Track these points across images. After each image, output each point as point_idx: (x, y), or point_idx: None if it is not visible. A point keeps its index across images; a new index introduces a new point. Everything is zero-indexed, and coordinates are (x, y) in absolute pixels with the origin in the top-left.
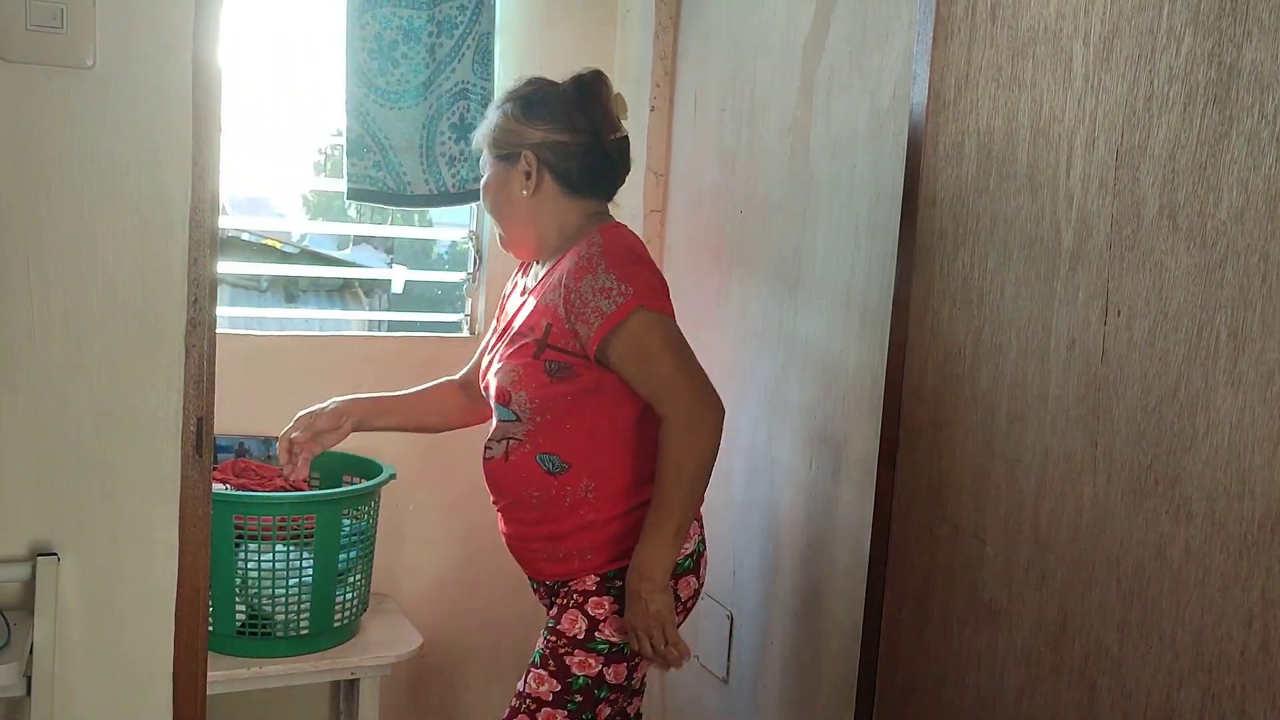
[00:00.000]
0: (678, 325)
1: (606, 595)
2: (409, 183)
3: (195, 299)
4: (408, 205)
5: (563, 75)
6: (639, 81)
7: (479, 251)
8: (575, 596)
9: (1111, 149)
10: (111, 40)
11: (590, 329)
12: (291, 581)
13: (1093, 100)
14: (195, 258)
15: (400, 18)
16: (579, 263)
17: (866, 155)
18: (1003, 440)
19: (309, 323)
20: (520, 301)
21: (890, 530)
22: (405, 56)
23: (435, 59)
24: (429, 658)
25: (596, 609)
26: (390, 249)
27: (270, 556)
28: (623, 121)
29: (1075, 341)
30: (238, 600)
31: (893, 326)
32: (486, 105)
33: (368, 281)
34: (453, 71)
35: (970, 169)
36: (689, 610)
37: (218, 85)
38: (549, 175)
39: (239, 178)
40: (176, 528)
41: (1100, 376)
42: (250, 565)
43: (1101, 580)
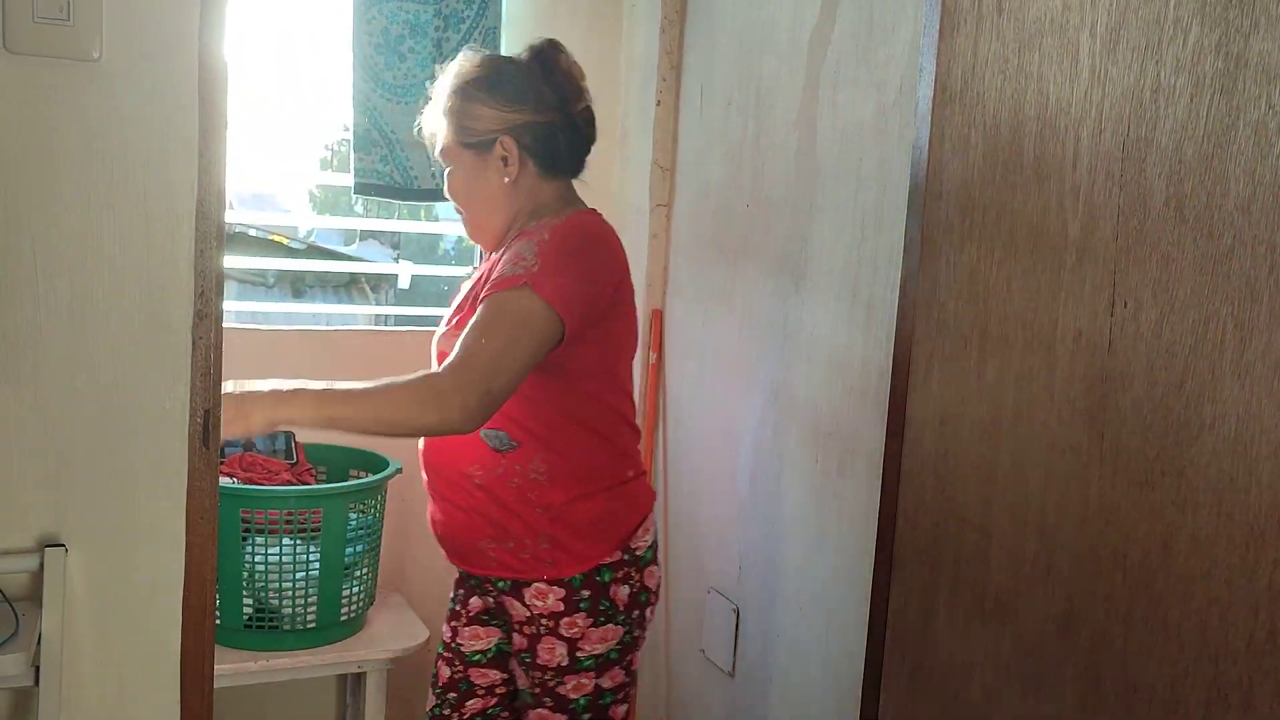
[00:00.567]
0: (553, 327)
1: (578, 612)
2: (415, 177)
3: (202, 292)
4: (415, 200)
5: (536, 44)
6: (645, 76)
7: None
8: (544, 622)
9: (1118, 140)
10: (118, 33)
11: (490, 283)
12: (298, 575)
13: (1099, 92)
14: (202, 250)
15: (407, 12)
16: (530, 232)
17: (873, 148)
18: (1009, 433)
19: (315, 317)
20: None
21: (896, 524)
22: (412, 51)
23: (442, 53)
24: (435, 651)
25: (571, 629)
26: (396, 244)
27: (277, 550)
28: (585, 88)
29: (1082, 333)
30: (245, 593)
31: (899, 319)
32: None
33: (374, 276)
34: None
35: (977, 161)
36: (658, 599)
37: (224, 79)
38: (529, 159)
39: (246, 173)
40: (184, 520)
41: (1106, 368)
42: (257, 559)
43: (1108, 572)
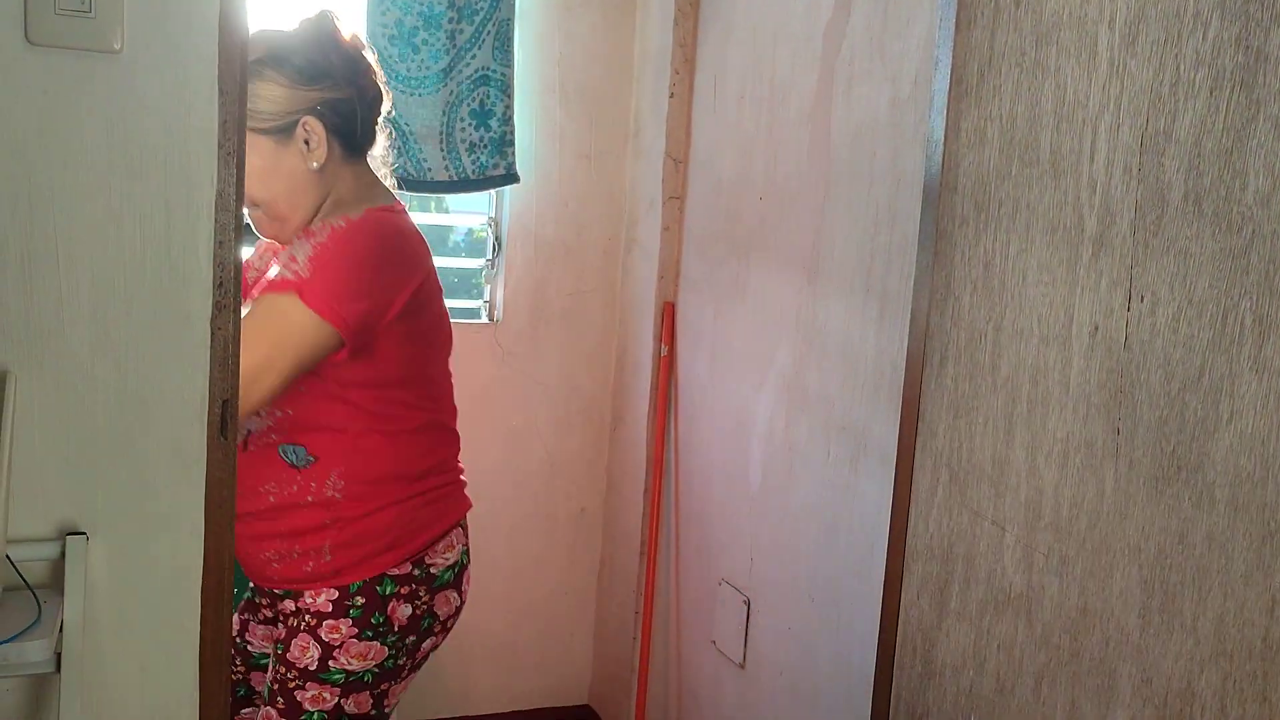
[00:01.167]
0: (321, 336)
1: (345, 618)
2: (429, 169)
3: (221, 283)
4: (428, 191)
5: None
6: (659, 68)
7: (498, 238)
8: (307, 618)
9: (1136, 134)
10: (139, 25)
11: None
12: None
13: (1118, 85)
14: (221, 242)
15: (421, 4)
16: (311, 232)
17: (887, 142)
18: (1023, 427)
19: None
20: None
21: (909, 517)
22: (425, 43)
23: (455, 45)
24: (447, 646)
25: (332, 633)
26: None
27: None
28: (367, 56)
29: (1098, 328)
30: None
31: (913, 313)
32: (507, 91)
33: None
34: (473, 58)
35: (992, 155)
36: (448, 631)
37: (244, 72)
38: (335, 140)
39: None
40: (202, 509)
41: (1123, 363)
42: None
43: (1122, 567)
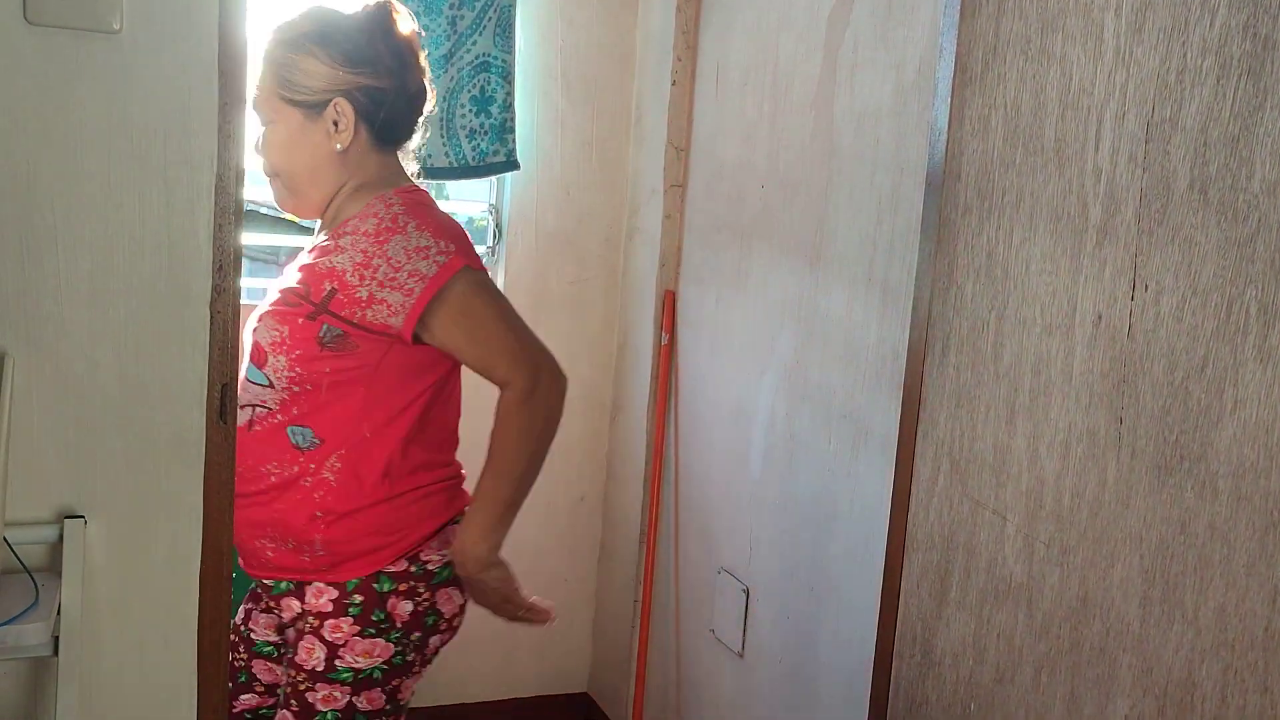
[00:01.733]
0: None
1: (345, 616)
2: (429, 155)
3: (220, 266)
4: (428, 178)
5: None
6: (661, 55)
7: (499, 225)
8: (310, 620)
9: (1142, 122)
10: (138, 4)
11: (409, 296)
12: None
13: (1124, 73)
14: (220, 225)
15: None
16: (380, 224)
17: (890, 130)
18: (1025, 416)
19: None
20: (297, 263)
21: (910, 506)
22: (426, 29)
23: (456, 31)
24: None
25: (335, 633)
26: None
27: None
28: (421, 57)
29: (1101, 317)
30: None
31: (915, 301)
32: (508, 78)
33: None
34: (474, 44)
35: (996, 143)
36: (455, 629)
37: (244, 53)
38: (363, 126)
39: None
40: (201, 492)
41: (1126, 352)
42: None
43: (1124, 557)
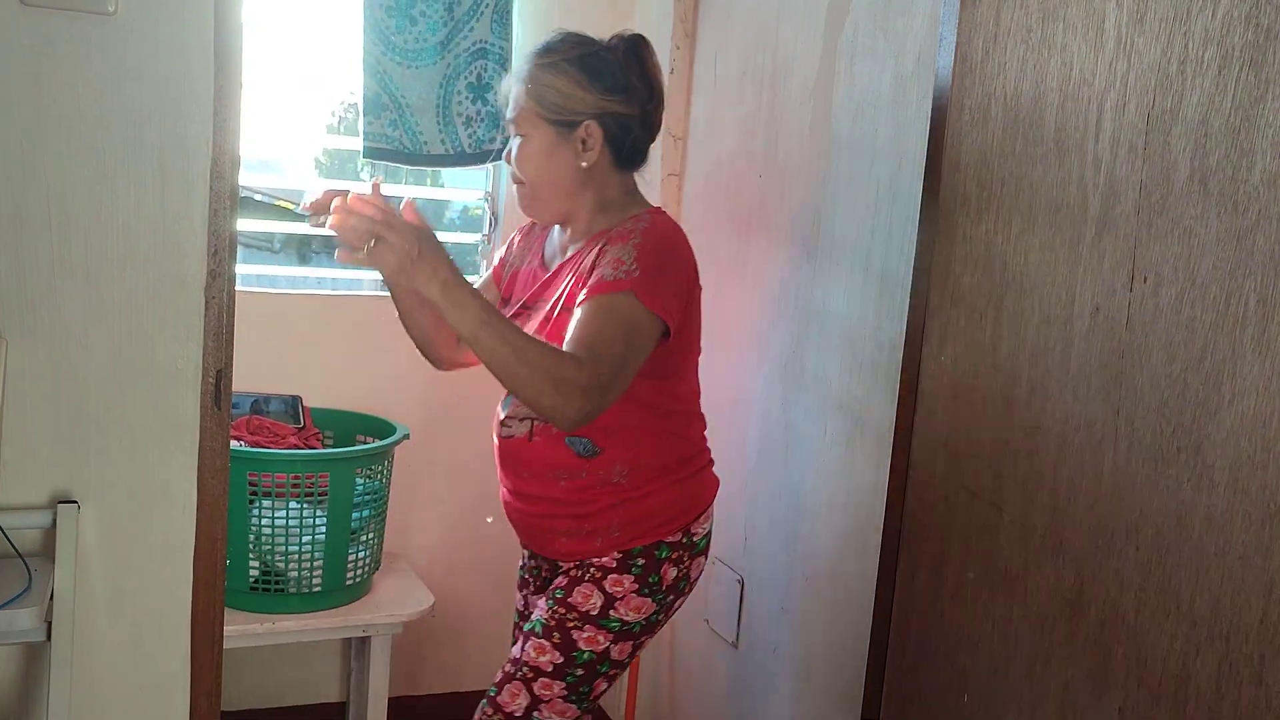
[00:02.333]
0: (654, 331)
1: (628, 574)
2: (425, 142)
3: (215, 251)
4: (424, 165)
5: (593, 33)
6: (658, 43)
7: (494, 214)
8: (593, 571)
9: (1142, 113)
10: None
11: (586, 288)
12: (305, 539)
13: (1124, 63)
14: (216, 209)
15: None
16: (619, 232)
17: (889, 120)
18: (1023, 407)
19: (321, 281)
20: (548, 274)
21: (906, 497)
22: (423, 14)
23: (454, 17)
24: (440, 617)
25: (615, 586)
26: None
27: (284, 513)
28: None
29: (1100, 309)
30: (251, 556)
31: (913, 292)
32: (505, 65)
33: None
34: (471, 30)
35: (996, 133)
36: (692, 591)
37: (239, 37)
38: (608, 148)
39: (252, 136)
40: (195, 479)
41: (1124, 344)
42: (264, 522)
43: (1120, 548)
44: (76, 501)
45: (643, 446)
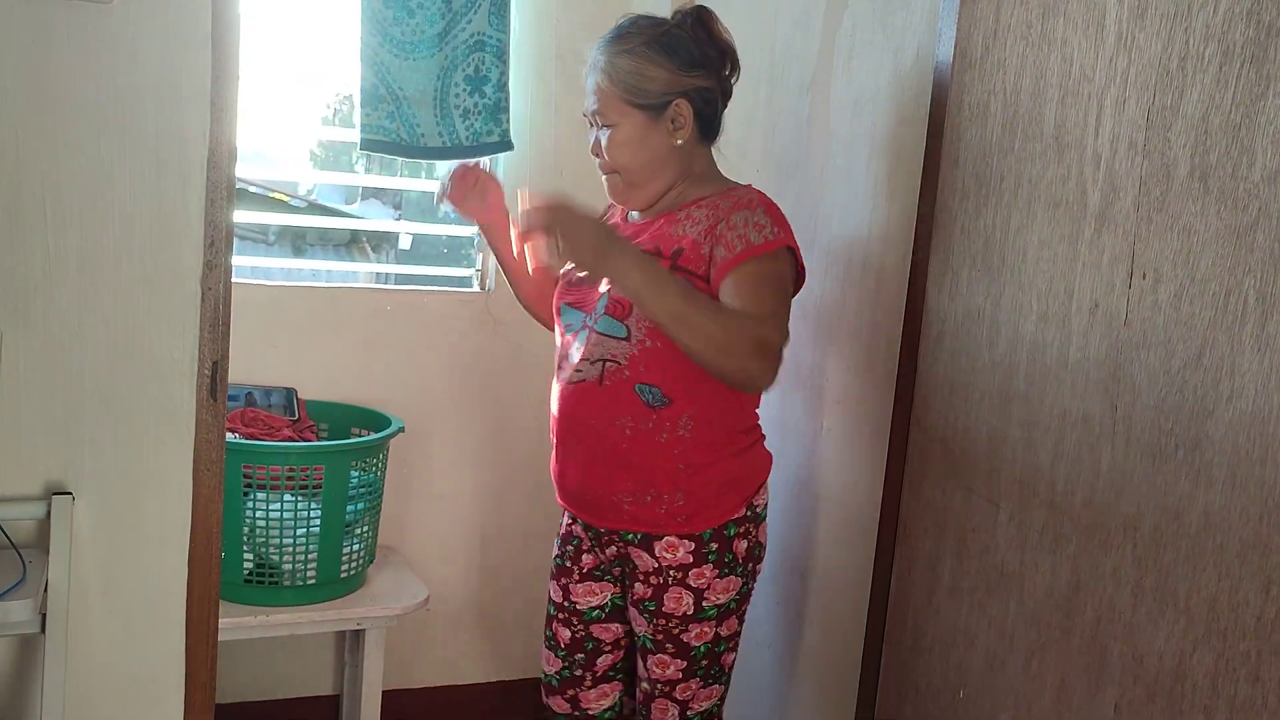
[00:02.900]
0: (793, 289)
1: (706, 564)
2: (422, 135)
3: (212, 242)
4: (421, 157)
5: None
6: None
7: None
8: (673, 573)
9: (1143, 109)
10: None
11: (731, 252)
12: (299, 531)
13: (1125, 59)
14: (212, 200)
15: None
16: (737, 200)
17: (887, 115)
18: (1020, 403)
19: (316, 274)
20: (629, 227)
21: (902, 492)
22: (421, 6)
23: (451, 9)
24: (435, 610)
25: (699, 580)
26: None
27: (279, 506)
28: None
29: (1098, 305)
30: (245, 548)
31: (910, 287)
32: (502, 57)
33: (375, 235)
34: (469, 22)
35: (995, 129)
36: (764, 555)
37: (236, 27)
38: (696, 123)
39: (247, 128)
40: (190, 470)
41: (1123, 340)
42: (258, 514)
43: (1117, 545)
44: (71, 493)
45: (709, 405)
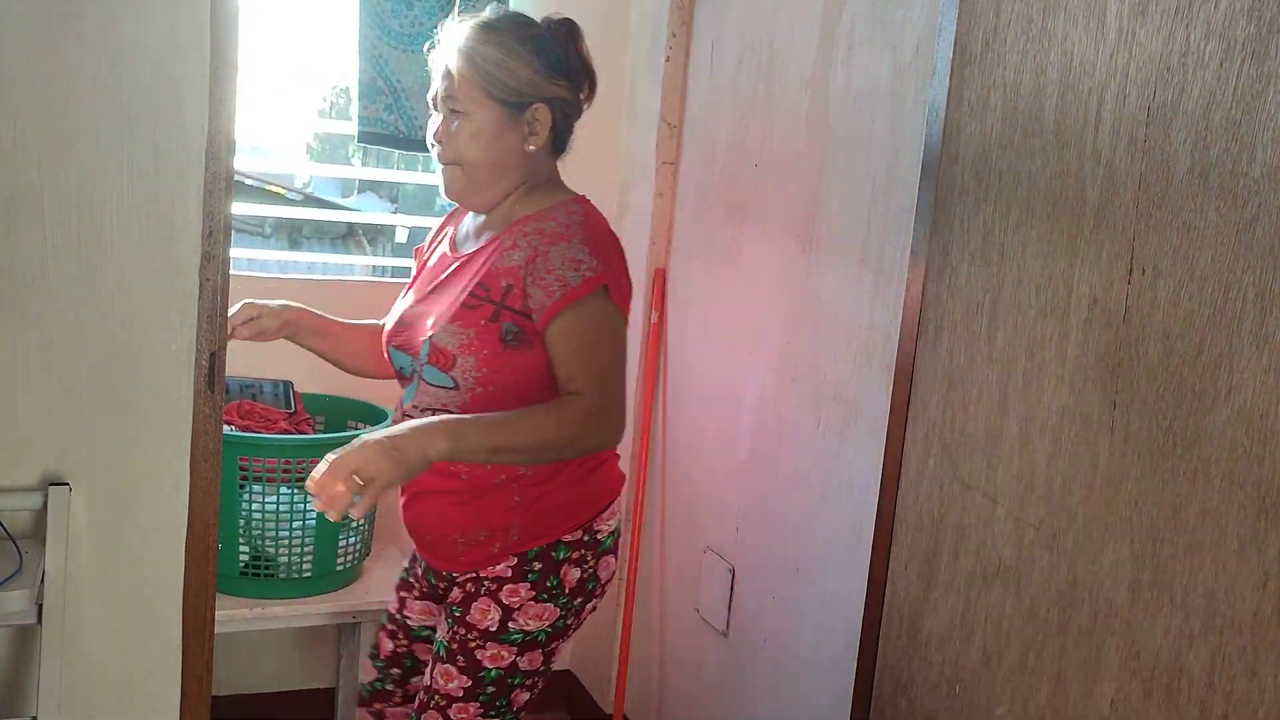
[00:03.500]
0: (623, 328)
1: (524, 581)
2: (420, 127)
3: (210, 233)
4: (418, 150)
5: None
6: (655, 31)
7: None
8: (487, 584)
9: (1143, 105)
10: None
11: (550, 298)
12: (295, 524)
13: (1125, 54)
14: (211, 191)
15: None
16: (556, 228)
17: (886, 111)
18: (1018, 399)
19: (312, 266)
20: (457, 259)
21: (899, 487)
22: None
23: (451, 1)
24: None
25: (511, 597)
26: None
27: (274, 499)
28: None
29: (1097, 301)
30: (241, 540)
31: (909, 283)
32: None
33: (371, 229)
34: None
35: (995, 124)
36: (604, 594)
37: (235, 18)
38: (551, 133)
39: (244, 120)
40: (188, 462)
41: (1121, 336)
42: (254, 507)
43: (1114, 541)
44: (68, 483)
45: None
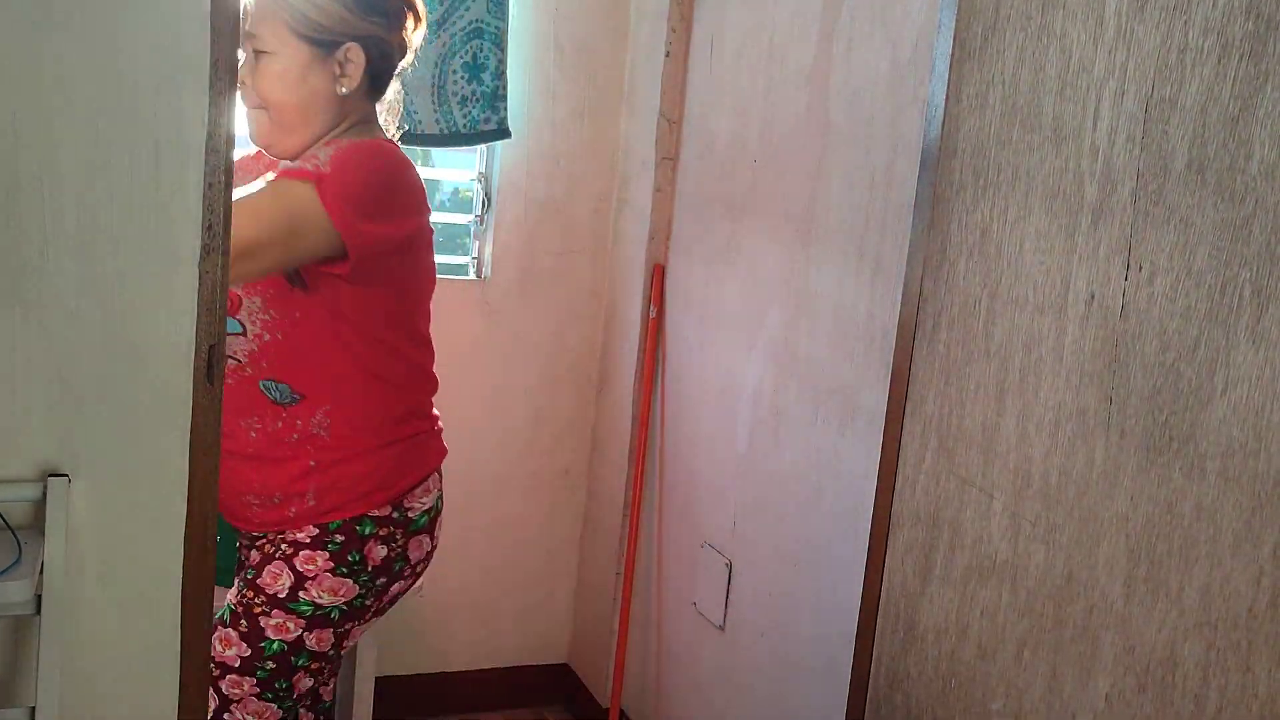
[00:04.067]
0: (322, 241)
1: (322, 550)
2: (419, 121)
3: (210, 224)
4: (418, 144)
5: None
6: (655, 25)
7: (488, 194)
8: (284, 547)
9: (1141, 101)
10: None
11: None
12: None
13: (1124, 51)
14: (211, 183)
15: None
16: (340, 150)
17: (885, 106)
18: (1015, 395)
19: None
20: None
21: (896, 482)
22: None
23: None
24: (428, 598)
25: (307, 564)
26: None
27: None
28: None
29: (1094, 296)
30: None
31: (907, 278)
32: (501, 45)
33: None
34: (467, 9)
35: (993, 120)
36: (418, 575)
37: (236, 7)
38: (366, 75)
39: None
40: (187, 454)
41: (1118, 332)
42: None
43: (1110, 536)
44: (67, 475)
45: (351, 400)
